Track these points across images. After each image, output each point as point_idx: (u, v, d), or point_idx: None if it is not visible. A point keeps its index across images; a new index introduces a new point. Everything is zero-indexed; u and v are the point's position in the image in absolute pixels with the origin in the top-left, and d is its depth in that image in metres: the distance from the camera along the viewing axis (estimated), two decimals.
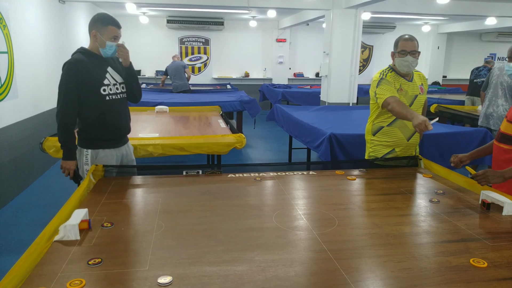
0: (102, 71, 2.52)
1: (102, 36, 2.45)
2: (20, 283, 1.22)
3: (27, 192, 4.51)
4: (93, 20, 2.49)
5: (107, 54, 2.50)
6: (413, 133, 2.73)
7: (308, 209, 1.90)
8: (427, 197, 2.10)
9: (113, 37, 2.46)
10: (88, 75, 2.44)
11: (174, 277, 1.27)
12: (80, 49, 2.53)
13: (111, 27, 2.45)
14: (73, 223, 1.54)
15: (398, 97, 2.59)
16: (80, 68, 2.41)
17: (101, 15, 2.49)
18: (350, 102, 6.80)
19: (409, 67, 2.62)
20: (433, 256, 1.44)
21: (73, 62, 2.42)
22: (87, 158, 2.53)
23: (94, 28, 2.47)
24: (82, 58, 2.46)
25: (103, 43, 2.46)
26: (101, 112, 2.50)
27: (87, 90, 2.45)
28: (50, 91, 5.54)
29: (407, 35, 2.66)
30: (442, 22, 11.33)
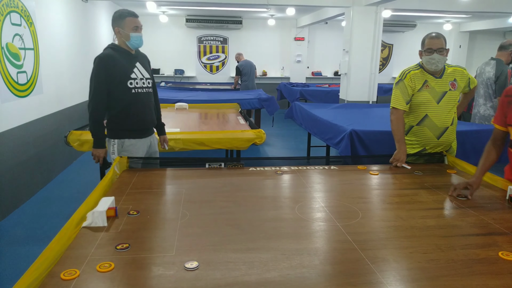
0: (130, 66, 2.64)
1: (124, 29, 2.59)
2: (52, 264, 1.26)
3: (51, 185, 4.62)
4: (113, 19, 2.65)
5: (134, 45, 2.63)
6: (443, 131, 2.68)
7: (331, 202, 1.90)
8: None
9: (134, 27, 2.60)
10: (117, 69, 2.56)
11: (200, 262, 1.29)
12: (111, 45, 2.66)
13: (128, 18, 2.60)
14: (100, 209, 1.58)
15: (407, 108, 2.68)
16: (109, 62, 2.54)
17: (118, 11, 2.65)
18: (370, 101, 6.73)
19: (436, 65, 2.60)
20: (460, 249, 1.42)
21: (103, 57, 2.55)
22: (114, 148, 2.64)
23: (115, 25, 2.63)
24: (112, 53, 2.59)
25: (127, 36, 2.60)
26: (127, 103, 2.61)
27: (115, 82, 2.57)
28: (73, 88, 5.66)
29: (434, 33, 2.63)
30: (464, 20, 11.12)
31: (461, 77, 2.73)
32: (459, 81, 2.72)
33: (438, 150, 2.74)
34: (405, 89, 2.66)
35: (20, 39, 4.01)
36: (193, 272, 1.23)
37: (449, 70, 2.72)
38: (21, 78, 4.04)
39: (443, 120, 2.67)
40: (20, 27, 4.03)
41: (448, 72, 2.71)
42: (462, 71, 2.75)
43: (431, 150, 2.73)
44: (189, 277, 1.21)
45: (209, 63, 11.52)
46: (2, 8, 3.67)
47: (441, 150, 2.74)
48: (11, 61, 3.83)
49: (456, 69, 2.75)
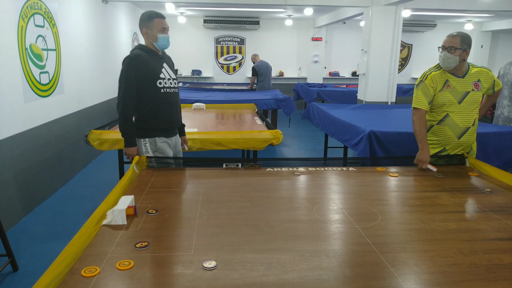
0: (159, 66, 2.67)
1: (152, 31, 2.61)
2: (73, 261, 1.28)
3: (72, 183, 4.71)
4: (140, 20, 2.66)
5: (161, 46, 2.66)
6: (464, 131, 2.65)
7: (349, 204, 1.88)
8: (474, 195, 2.02)
9: (161, 29, 2.61)
10: (146, 69, 2.59)
11: (218, 262, 1.29)
12: (139, 46, 2.70)
13: (156, 19, 2.61)
14: (120, 208, 1.60)
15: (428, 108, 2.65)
16: (139, 62, 2.57)
17: (145, 13, 2.66)
18: (389, 101, 6.64)
19: (443, 63, 2.61)
20: (482, 253, 1.39)
21: (133, 57, 2.58)
22: (147, 146, 2.67)
23: (143, 26, 2.64)
24: (141, 53, 2.62)
25: (154, 37, 2.62)
26: (156, 103, 2.65)
27: (145, 82, 2.59)
28: (93, 88, 5.76)
29: (455, 32, 2.63)
30: (486, 20, 10.87)
31: (485, 78, 2.69)
32: (483, 82, 2.68)
33: (458, 150, 2.69)
34: (426, 90, 2.64)
35: (43, 40, 4.11)
36: (211, 272, 1.24)
37: (474, 70, 2.68)
38: (44, 78, 4.13)
39: (465, 120, 2.64)
40: (43, 28, 4.12)
41: (472, 73, 2.67)
42: (487, 73, 2.71)
43: (451, 150, 2.69)
44: (207, 277, 1.21)
45: (226, 64, 11.56)
46: (26, 10, 3.76)
47: (461, 150, 2.69)
48: (34, 62, 3.92)
49: (481, 70, 2.71)
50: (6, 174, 3.43)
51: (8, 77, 3.47)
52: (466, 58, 2.61)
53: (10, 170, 3.49)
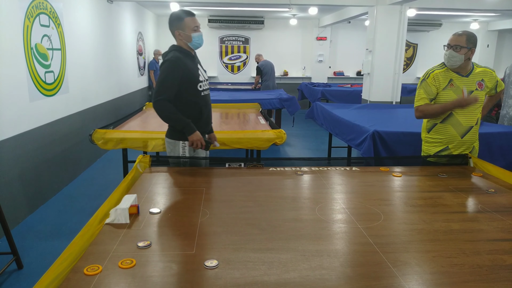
0: (196, 68, 2.60)
1: (184, 31, 2.51)
2: (76, 259, 1.29)
3: (76, 182, 4.74)
4: (170, 22, 2.55)
5: (196, 45, 2.57)
6: (467, 130, 2.65)
7: (352, 204, 1.87)
8: (478, 195, 2.01)
9: (194, 27, 2.52)
10: (188, 72, 2.50)
11: (220, 261, 1.29)
12: (175, 47, 2.56)
13: (187, 19, 2.50)
14: (123, 207, 1.61)
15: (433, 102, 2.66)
16: (181, 65, 2.47)
17: (174, 14, 2.54)
18: (394, 101, 6.62)
19: (447, 61, 2.62)
20: (485, 254, 1.38)
21: (176, 60, 2.46)
22: (184, 149, 2.59)
23: (174, 28, 2.53)
24: (180, 56, 2.51)
25: (188, 37, 2.53)
26: (199, 106, 2.58)
27: (187, 87, 2.51)
28: (98, 87, 5.79)
29: (461, 31, 2.62)
30: (492, 19, 10.80)
31: (489, 78, 2.69)
32: (487, 82, 2.68)
33: (461, 149, 2.69)
34: (428, 88, 2.66)
35: (48, 39, 4.13)
36: (213, 271, 1.24)
37: (478, 70, 2.68)
38: (49, 77, 4.16)
39: (468, 119, 2.64)
40: (49, 28, 4.15)
41: (476, 72, 2.67)
42: (491, 73, 2.72)
43: (454, 149, 2.69)
44: (209, 276, 1.22)
45: (230, 63, 11.57)
46: (32, 10, 3.79)
47: (464, 149, 2.69)
48: (40, 61, 3.94)
49: (485, 70, 2.71)
50: (11, 173, 3.46)
51: (13, 77, 3.50)
52: (471, 57, 2.60)
53: (15, 169, 3.51)
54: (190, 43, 2.55)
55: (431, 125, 2.74)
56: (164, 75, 2.46)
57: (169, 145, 2.64)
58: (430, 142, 2.77)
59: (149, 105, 5.29)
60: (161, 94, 2.44)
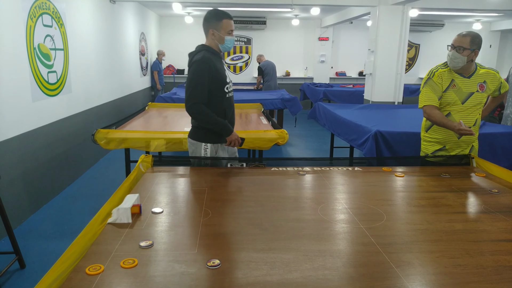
0: (223, 69, 2.58)
1: (219, 32, 2.48)
2: (78, 259, 1.29)
3: (79, 181, 4.75)
4: (207, 20, 2.51)
5: (226, 48, 2.55)
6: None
7: (354, 204, 1.87)
8: (481, 195, 2.00)
9: (230, 31, 2.50)
10: (217, 73, 2.48)
11: (222, 261, 1.29)
12: (205, 47, 2.53)
13: (225, 20, 2.48)
14: (125, 206, 1.61)
15: (438, 104, 2.63)
16: (211, 65, 2.45)
17: (213, 12, 2.51)
18: (396, 101, 6.60)
19: (450, 62, 2.61)
20: (489, 255, 1.37)
21: (206, 61, 2.43)
22: (206, 151, 2.58)
23: (210, 26, 2.50)
24: (210, 56, 2.48)
25: (221, 39, 2.50)
26: (223, 108, 2.56)
27: (215, 87, 2.49)
28: (101, 87, 5.80)
29: (465, 32, 2.61)
30: (495, 19, 10.77)
31: (492, 80, 2.68)
32: (489, 84, 2.66)
33: (458, 150, 2.69)
34: (435, 86, 2.64)
35: (51, 39, 4.14)
36: (215, 271, 1.24)
37: (481, 71, 2.67)
38: (52, 77, 4.17)
39: (466, 120, 2.62)
40: (51, 28, 4.16)
41: (479, 73, 2.65)
42: (494, 74, 2.70)
43: (450, 149, 2.70)
44: (211, 276, 1.21)
45: (232, 64, 11.57)
46: (35, 10, 3.79)
47: (461, 150, 2.69)
48: (42, 61, 3.95)
49: (488, 72, 2.69)
50: (14, 173, 3.46)
51: (16, 77, 3.50)
52: (475, 59, 2.59)
53: (17, 169, 3.52)
54: (221, 45, 2.53)
55: (429, 125, 2.74)
56: (196, 77, 2.43)
57: (191, 145, 2.64)
58: (428, 141, 2.77)
59: (151, 105, 5.29)
60: (194, 98, 2.42)
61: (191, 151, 2.65)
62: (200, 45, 2.57)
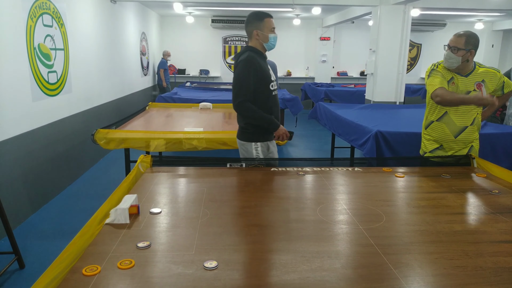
0: (268, 69, 2.62)
1: (263, 31, 2.55)
2: (75, 260, 1.29)
3: (79, 181, 4.75)
4: (249, 22, 2.58)
5: (271, 46, 2.61)
6: (461, 130, 2.63)
7: (354, 204, 1.86)
8: (482, 196, 1.99)
9: (272, 28, 2.56)
10: (262, 72, 2.54)
11: (219, 262, 1.28)
12: (249, 48, 2.60)
13: (267, 19, 2.54)
14: (123, 207, 1.60)
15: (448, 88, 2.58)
16: (257, 64, 2.51)
17: (254, 14, 2.57)
18: (397, 101, 6.59)
19: (445, 62, 2.61)
20: (489, 256, 1.36)
21: (251, 60, 2.50)
22: (258, 150, 2.64)
23: (253, 28, 2.56)
24: (255, 56, 2.55)
25: (266, 37, 2.56)
26: (269, 106, 2.61)
27: (260, 86, 2.54)
28: (101, 87, 5.80)
29: (462, 31, 2.59)
30: (497, 19, 10.73)
31: (491, 79, 2.65)
32: (487, 83, 2.64)
33: (455, 149, 2.68)
34: (440, 74, 2.62)
35: (51, 39, 4.14)
36: (212, 272, 1.23)
37: (480, 70, 2.64)
38: (52, 77, 4.17)
39: (463, 119, 2.62)
40: (52, 28, 4.16)
41: (478, 72, 2.63)
42: (494, 73, 2.66)
43: (447, 148, 2.69)
44: (208, 277, 1.20)
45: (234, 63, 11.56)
46: (35, 10, 3.79)
47: (458, 149, 2.68)
48: (43, 61, 3.95)
49: (488, 71, 2.66)
50: (14, 173, 3.46)
51: (16, 76, 3.50)
52: (471, 59, 2.57)
53: (17, 169, 3.52)
54: (266, 44, 2.58)
55: (428, 123, 2.74)
56: (242, 76, 2.50)
57: (242, 146, 2.68)
58: (426, 140, 2.77)
59: (152, 105, 5.29)
60: (241, 96, 2.50)
61: (243, 152, 2.69)
62: (245, 46, 2.64)
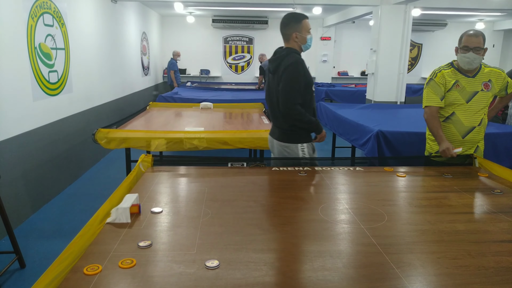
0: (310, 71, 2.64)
1: (301, 33, 2.55)
2: (76, 259, 1.28)
3: (79, 181, 4.75)
4: (287, 25, 2.58)
5: (308, 47, 2.63)
6: (469, 130, 2.64)
7: (355, 204, 1.85)
8: (484, 196, 1.98)
9: (309, 29, 2.58)
10: (308, 74, 2.56)
11: (221, 261, 1.28)
12: (294, 50, 2.59)
13: (304, 21, 2.55)
14: (124, 206, 1.60)
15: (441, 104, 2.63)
16: (304, 67, 2.54)
17: (291, 16, 2.58)
18: (398, 101, 6.58)
19: (470, 64, 2.56)
20: (491, 256, 1.36)
21: (301, 63, 2.52)
22: (304, 151, 2.64)
23: (292, 30, 2.55)
24: (301, 58, 2.56)
25: (304, 39, 2.57)
26: (313, 108, 2.64)
27: (306, 88, 2.55)
28: (102, 87, 5.80)
29: (472, 31, 2.58)
30: (498, 19, 10.72)
31: (497, 79, 2.65)
32: (494, 83, 2.64)
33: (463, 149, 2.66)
34: (436, 87, 2.63)
35: (52, 39, 4.14)
36: (214, 271, 1.23)
37: (486, 70, 2.64)
38: (52, 77, 4.17)
39: (471, 120, 2.62)
40: (52, 27, 4.15)
41: (484, 72, 2.63)
42: (499, 73, 2.67)
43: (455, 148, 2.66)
44: (210, 276, 1.20)
45: (234, 63, 11.56)
46: (36, 9, 3.79)
47: (465, 150, 2.67)
48: (43, 61, 3.95)
49: (493, 70, 2.66)
50: (15, 172, 3.46)
51: (17, 76, 3.50)
52: None
53: (18, 168, 3.52)
54: (304, 45, 2.59)
55: None
56: (294, 79, 2.48)
57: (286, 148, 2.66)
58: (432, 140, 2.76)
59: (152, 104, 5.29)
60: (293, 99, 2.49)
61: (285, 154, 2.67)
62: (285, 48, 2.62)
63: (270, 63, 2.67)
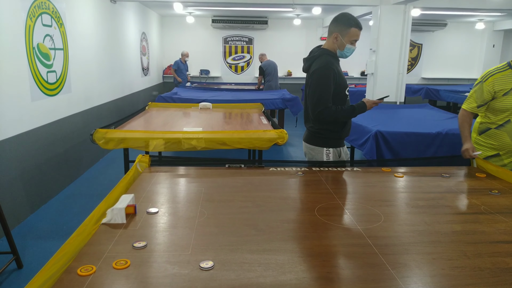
0: (342, 73, 2.57)
1: (343, 38, 2.46)
2: (70, 260, 1.28)
3: (78, 181, 4.74)
4: (336, 22, 2.48)
5: (343, 55, 2.54)
6: None
7: (352, 204, 1.85)
8: (481, 196, 1.97)
9: (354, 40, 2.47)
10: (340, 78, 2.49)
11: (215, 262, 1.27)
12: (326, 51, 2.53)
13: (354, 29, 2.44)
14: (120, 206, 1.59)
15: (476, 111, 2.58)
16: (334, 69, 2.45)
17: (344, 16, 2.47)
18: (398, 101, 6.58)
19: None
20: (487, 256, 1.35)
21: (330, 65, 2.44)
22: (329, 156, 2.60)
23: (336, 30, 2.47)
24: (332, 60, 2.48)
25: (342, 45, 2.48)
26: None
27: (338, 91, 2.49)
28: (101, 87, 5.80)
29: None
30: (498, 19, 10.71)
31: None
32: None
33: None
34: (481, 93, 2.52)
35: (50, 39, 4.14)
36: (208, 272, 1.22)
37: None
38: (51, 77, 4.16)
39: None
40: (51, 28, 4.15)
41: None
42: None
43: (504, 156, 2.58)
44: (204, 277, 1.19)
45: (234, 63, 11.56)
46: (34, 9, 3.79)
47: None
48: (42, 61, 3.95)
49: None
50: (13, 172, 3.46)
51: (15, 76, 3.50)
52: None
53: (16, 169, 3.52)
54: (340, 51, 2.51)
55: (484, 128, 2.63)
56: (321, 83, 2.43)
57: (311, 151, 2.64)
58: (480, 145, 2.65)
59: (152, 105, 5.28)
60: (321, 105, 2.43)
61: (310, 157, 2.66)
62: (320, 48, 2.56)
63: (303, 62, 2.63)
